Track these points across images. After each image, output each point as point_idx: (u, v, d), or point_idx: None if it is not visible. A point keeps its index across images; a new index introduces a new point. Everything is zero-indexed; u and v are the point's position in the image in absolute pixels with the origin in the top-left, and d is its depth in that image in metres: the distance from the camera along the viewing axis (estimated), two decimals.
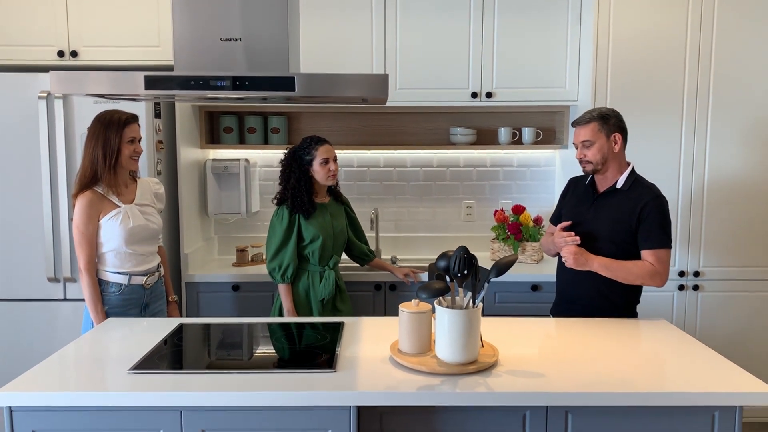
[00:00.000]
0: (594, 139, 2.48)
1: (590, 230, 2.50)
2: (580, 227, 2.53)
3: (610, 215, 2.49)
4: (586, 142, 2.50)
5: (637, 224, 2.43)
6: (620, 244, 2.46)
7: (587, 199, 2.58)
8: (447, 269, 1.93)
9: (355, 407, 1.79)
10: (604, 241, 2.47)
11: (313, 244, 2.91)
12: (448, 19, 3.39)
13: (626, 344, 2.20)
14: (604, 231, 2.48)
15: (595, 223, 2.51)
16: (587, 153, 2.50)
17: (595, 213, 2.53)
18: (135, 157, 2.66)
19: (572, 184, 2.75)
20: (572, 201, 2.66)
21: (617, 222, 2.46)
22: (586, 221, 2.53)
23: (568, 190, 2.74)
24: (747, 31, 3.22)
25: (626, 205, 2.46)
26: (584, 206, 2.58)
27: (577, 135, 2.54)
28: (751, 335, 3.38)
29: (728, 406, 1.83)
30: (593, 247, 2.47)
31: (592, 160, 2.50)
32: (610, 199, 2.52)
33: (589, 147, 2.49)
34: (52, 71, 1.97)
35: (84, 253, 2.59)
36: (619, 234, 2.46)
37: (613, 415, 1.83)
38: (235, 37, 1.99)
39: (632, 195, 2.47)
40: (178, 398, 1.77)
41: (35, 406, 1.78)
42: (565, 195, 2.74)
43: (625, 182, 2.50)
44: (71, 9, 3.23)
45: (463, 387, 1.81)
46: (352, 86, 1.88)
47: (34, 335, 3.22)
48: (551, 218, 2.80)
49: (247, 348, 2.26)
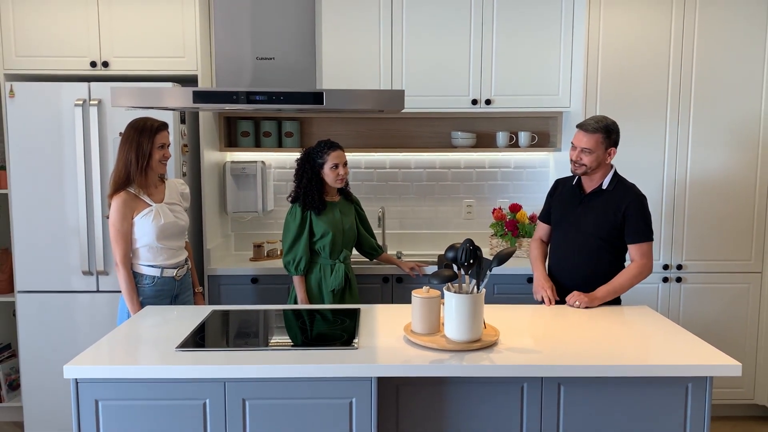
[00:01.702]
0: (594, 149, 2.69)
1: (579, 227, 2.78)
2: (570, 225, 2.81)
3: (597, 213, 2.75)
4: (586, 150, 2.69)
5: (622, 221, 2.71)
6: (606, 238, 2.74)
7: (575, 199, 2.83)
8: (455, 259, 2.20)
9: (375, 378, 2.05)
10: (591, 237, 2.76)
11: (324, 239, 3.14)
12: (450, 34, 3.63)
13: (612, 326, 2.46)
14: (592, 227, 2.76)
15: (584, 221, 2.78)
16: (584, 158, 2.70)
17: (583, 211, 2.79)
18: (164, 161, 2.89)
19: (558, 184, 3.00)
20: (560, 201, 2.91)
21: (604, 219, 2.74)
22: (575, 219, 2.80)
23: (555, 190, 2.99)
24: (726, 40, 3.49)
25: (611, 204, 2.74)
26: (572, 205, 2.83)
27: (579, 139, 2.72)
28: (729, 323, 3.65)
29: (700, 377, 2.09)
30: (582, 242, 2.77)
31: (587, 165, 2.71)
32: (596, 199, 2.77)
33: (588, 155, 2.70)
34: (111, 87, 2.22)
35: (120, 249, 2.82)
36: (605, 230, 2.74)
37: (599, 385, 2.09)
38: (270, 56, 2.26)
39: (616, 194, 2.74)
40: (222, 371, 2.02)
41: (98, 378, 2.03)
42: (552, 195, 2.99)
43: (610, 183, 2.76)
44: (103, 22, 3.44)
45: (468, 361, 2.07)
46: (373, 100, 2.15)
47: (69, 324, 3.46)
48: (540, 216, 3.07)
49: (275, 330, 2.52)
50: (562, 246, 2.87)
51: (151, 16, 3.46)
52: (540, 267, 2.93)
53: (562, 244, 2.87)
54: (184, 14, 3.46)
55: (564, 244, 2.86)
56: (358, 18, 3.61)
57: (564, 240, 2.86)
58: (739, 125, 3.55)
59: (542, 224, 3.05)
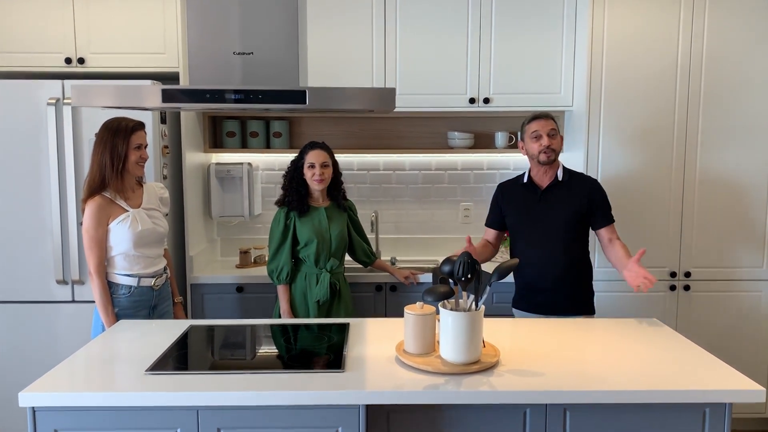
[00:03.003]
0: (557, 131, 2.76)
1: (544, 223, 2.77)
2: (533, 223, 2.79)
3: (562, 204, 2.76)
4: (553, 131, 2.73)
5: (588, 207, 2.76)
6: (573, 228, 2.77)
7: (531, 198, 2.81)
8: (451, 273, 2.02)
9: (364, 406, 1.88)
10: (560, 230, 2.76)
11: (308, 247, 3.00)
12: (446, 28, 3.47)
13: (621, 343, 2.29)
14: (560, 220, 2.75)
15: (549, 215, 2.76)
16: (554, 142, 2.73)
17: (545, 207, 2.78)
18: (141, 162, 2.72)
19: (504, 188, 2.95)
20: (514, 203, 2.87)
21: (570, 210, 2.75)
22: (537, 216, 2.79)
23: (502, 194, 2.93)
24: (738, 36, 3.32)
25: (573, 193, 2.77)
26: (530, 204, 2.81)
27: (543, 125, 2.74)
28: (740, 333, 3.48)
29: (718, 403, 1.92)
30: (550, 238, 2.76)
31: (557, 149, 2.75)
32: (555, 192, 2.78)
33: (554, 136, 2.73)
34: (72, 84, 2.03)
35: (94, 257, 2.65)
36: (573, 220, 2.76)
37: (608, 412, 1.92)
38: (248, 51, 2.07)
39: (573, 183, 2.79)
40: (194, 398, 1.85)
41: (57, 406, 1.85)
42: (499, 201, 2.93)
43: (564, 174, 2.80)
44: (78, 17, 3.28)
45: (466, 386, 1.90)
46: (361, 99, 1.97)
47: (43, 337, 3.28)
48: (487, 221, 3.01)
49: (257, 349, 2.34)
50: (528, 247, 2.81)
51: (130, 9, 3.30)
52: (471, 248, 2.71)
53: (528, 245, 2.81)
54: (165, 7, 3.29)
55: (531, 245, 2.80)
56: (348, 10, 3.43)
57: (529, 240, 2.81)
58: (751, 126, 3.38)
59: (487, 229, 3.01)
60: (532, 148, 2.77)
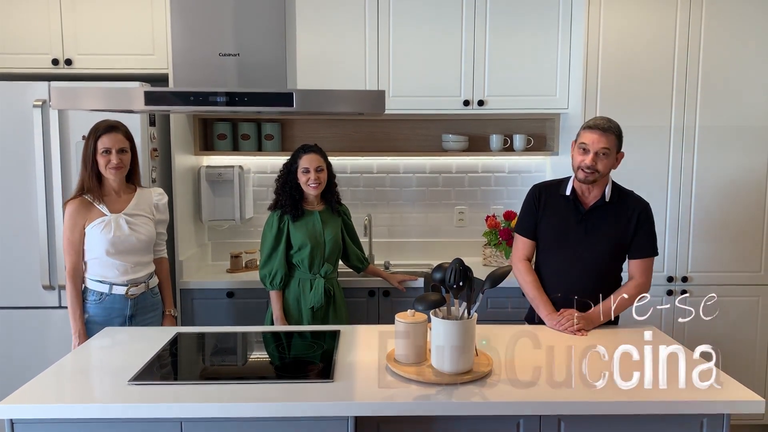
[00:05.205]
0: (612, 150, 2.35)
1: (583, 248, 2.46)
2: (570, 246, 2.48)
3: (605, 230, 2.44)
4: (605, 150, 2.34)
5: (633, 234, 2.44)
6: (614, 258, 2.48)
7: (572, 216, 2.48)
8: (443, 281, 1.97)
9: (353, 417, 1.82)
10: (596, 259, 2.46)
11: (302, 251, 2.94)
12: (440, 29, 3.42)
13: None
14: (600, 249, 2.45)
15: (588, 240, 2.45)
16: (599, 163, 2.35)
17: (585, 230, 2.46)
18: (111, 168, 2.58)
19: (541, 192, 2.57)
20: (553, 216, 2.52)
21: (613, 236, 2.44)
22: (576, 239, 2.47)
23: (539, 199, 2.56)
24: (735, 37, 3.27)
25: (618, 217, 2.45)
26: (569, 224, 2.48)
27: (594, 140, 2.35)
28: (738, 339, 3.44)
29: (716, 414, 1.87)
30: (587, 265, 2.45)
31: (602, 171, 2.36)
32: (600, 214, 2.45)
33: (605, 158, 2.35)
34: (53, 86, 1.98)
35: (69, 260, 2.61)
36: (615, 249, 2.45)
37: (604, 423, 1.87)
38: (233, 52, 2.02)
39: (621, 206, 2.45)
40: (178, 410, 1.79)
41: (36, 419, 1.80)
42: (537, 205, 2.56)
43: (612, 193, 2.46)
44: (66, 17, 3.22)
45: (458, 396, 1.85)
46: (350, 102, 1.91)
47: (29, 343, 3.21)
48: (520, 228, 2.62)
49: (246, 358, 2.28)
50: (560, 270, 2.51)
51: (118, 9, 3.24)
52: (544, 297, 2.49)
53: (558, 261, 2.51)
54: (154, 8, 3.24)
55: (563, 268, 2.50)
56: (339, 10, 3.37)
57: (563, 263, 2.49)
58: (749, 128, 3.34)
59: (524, 239, 2.58)
60: (576, 159, 2.40)
